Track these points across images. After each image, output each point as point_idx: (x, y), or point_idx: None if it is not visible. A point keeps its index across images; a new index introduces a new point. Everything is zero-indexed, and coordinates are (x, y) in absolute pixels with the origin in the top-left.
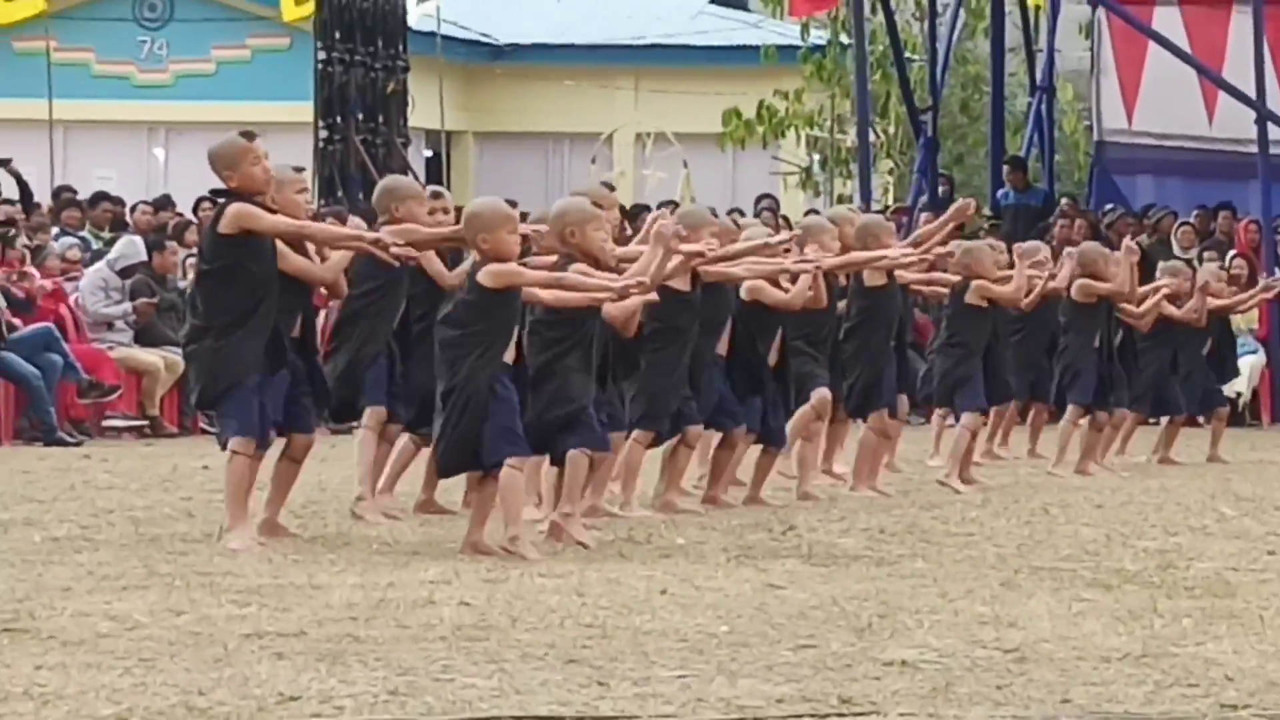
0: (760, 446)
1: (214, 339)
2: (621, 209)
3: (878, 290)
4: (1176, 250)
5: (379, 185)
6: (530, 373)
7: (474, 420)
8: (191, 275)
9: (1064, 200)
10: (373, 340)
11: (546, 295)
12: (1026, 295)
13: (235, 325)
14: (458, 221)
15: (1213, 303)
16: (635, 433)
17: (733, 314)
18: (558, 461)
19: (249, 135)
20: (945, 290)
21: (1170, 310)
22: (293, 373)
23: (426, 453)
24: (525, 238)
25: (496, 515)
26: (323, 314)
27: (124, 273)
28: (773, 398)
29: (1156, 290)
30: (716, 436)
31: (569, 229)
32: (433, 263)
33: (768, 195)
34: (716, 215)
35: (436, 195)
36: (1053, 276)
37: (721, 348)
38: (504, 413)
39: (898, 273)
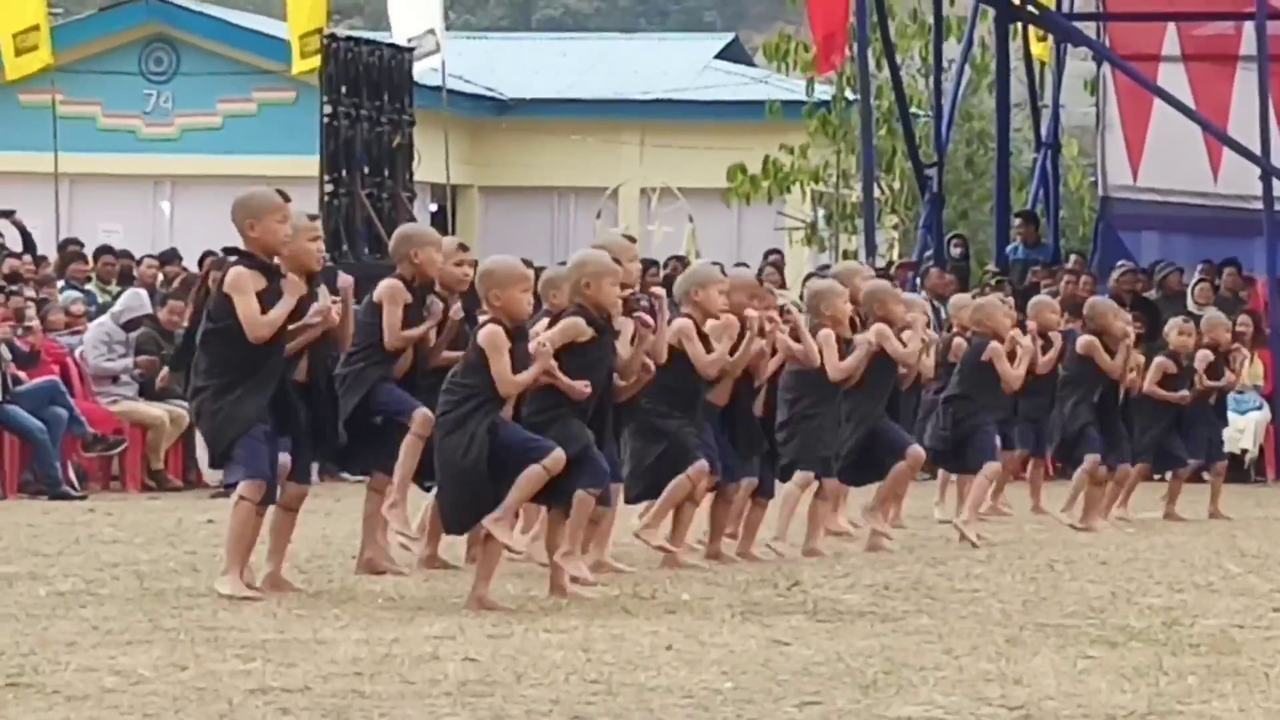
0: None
1: (216, 397)
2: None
3: (875, 355)
4: (1192, 306)
5: (397, 232)
6: (527, 419)
7: (476, 474)
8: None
9: (1073, 257)
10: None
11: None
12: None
13: (239, 382)
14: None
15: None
16: (690, 470)
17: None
18: (560, 504)
19: (285, 196)
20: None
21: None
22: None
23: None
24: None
25: (501, 569)
26: None
27: (128, 326)
28: (766, 452)
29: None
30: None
31: (585, 280)
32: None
33: (775, 251)
34: (725, 271)
35: (463, 248)
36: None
37: (718, 399)
38: (513, 432)
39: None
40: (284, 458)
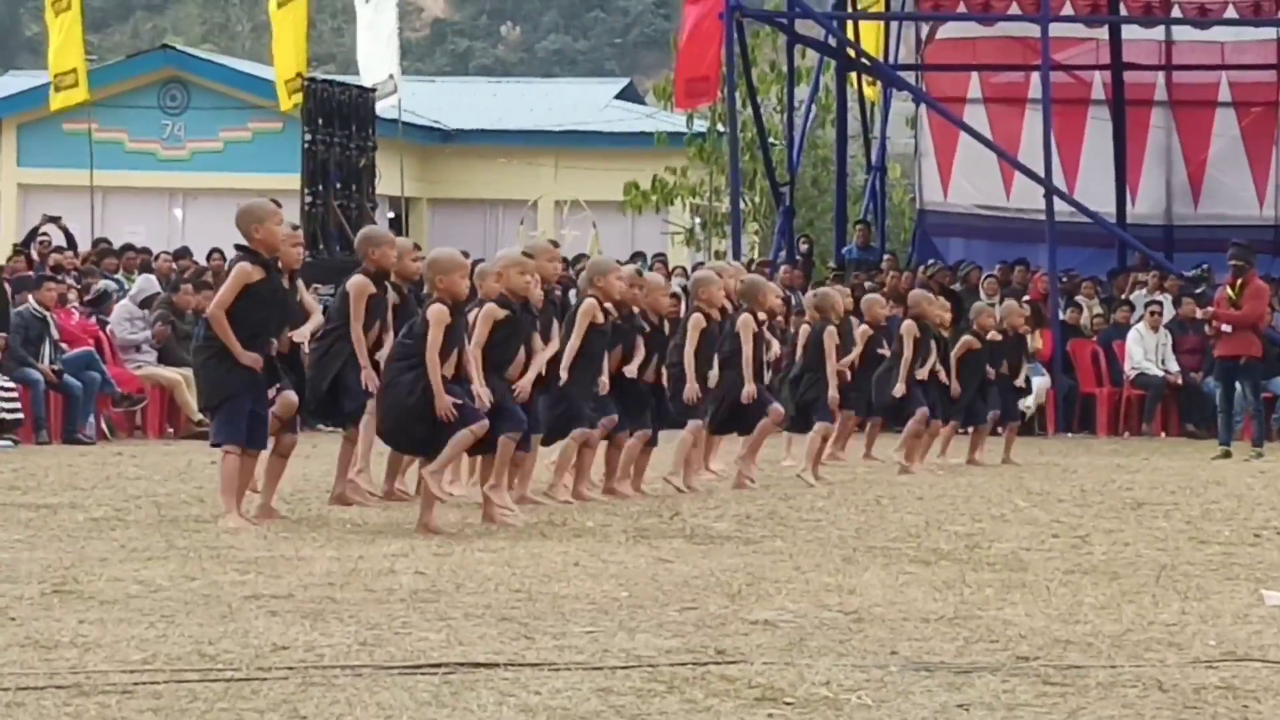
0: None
1: (216, 358)
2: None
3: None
4: (983, 296)
5: (360, 234)
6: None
7: (414, 412)
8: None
9: (886, 257)
10: (350, 364)
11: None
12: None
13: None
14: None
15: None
16: (575, 431)
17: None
18: (489, 451)
19: (277, 203)
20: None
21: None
22: (281, 386)
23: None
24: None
25: (445, 505)
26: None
27: (144, 304)
28: (653, 409)
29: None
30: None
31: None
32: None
33: (660, 254)
34: (621, 264)
35: (416, 247)
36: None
37: (612, 368)
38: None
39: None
40: (290, 395)
